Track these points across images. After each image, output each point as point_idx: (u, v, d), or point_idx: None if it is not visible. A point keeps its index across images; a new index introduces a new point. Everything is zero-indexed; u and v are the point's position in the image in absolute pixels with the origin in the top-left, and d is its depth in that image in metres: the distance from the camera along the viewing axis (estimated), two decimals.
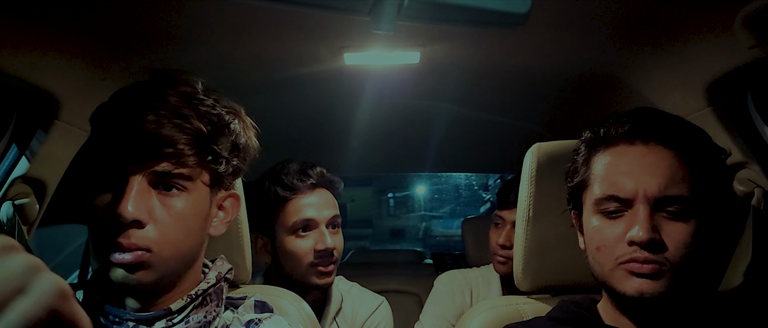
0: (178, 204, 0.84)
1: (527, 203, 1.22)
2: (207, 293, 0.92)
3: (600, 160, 0.96)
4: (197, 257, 0.92)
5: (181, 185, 0.84)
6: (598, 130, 0.98)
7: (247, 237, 1.26)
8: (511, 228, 1.84)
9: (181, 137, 0.82)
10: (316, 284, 1.61)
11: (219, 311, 0.93)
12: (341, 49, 1.48)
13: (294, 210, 1.60)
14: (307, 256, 1.59)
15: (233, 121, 0.90)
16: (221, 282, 0.95)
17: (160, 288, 0.87)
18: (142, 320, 0.86)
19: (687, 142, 0.90)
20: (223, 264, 0.99)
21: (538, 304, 1.25)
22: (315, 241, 1.59)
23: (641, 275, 0.89)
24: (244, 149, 0.93)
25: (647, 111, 0.95)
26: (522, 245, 1.23)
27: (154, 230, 0.82)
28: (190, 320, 0.89)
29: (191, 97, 0.86)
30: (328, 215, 1.62)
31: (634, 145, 0.93)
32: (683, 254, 0.88)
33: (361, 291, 1.82)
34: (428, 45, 1.47)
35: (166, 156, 0.81)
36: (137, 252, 0.80)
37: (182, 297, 0.89)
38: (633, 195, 0.90)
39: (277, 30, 1.36)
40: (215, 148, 0.86)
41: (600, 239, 0.94)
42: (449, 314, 1.90)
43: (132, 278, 0.81)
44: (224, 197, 0.95)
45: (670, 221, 0.89)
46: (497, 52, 1.54)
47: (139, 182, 0.81)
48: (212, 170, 0.88)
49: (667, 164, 0.89)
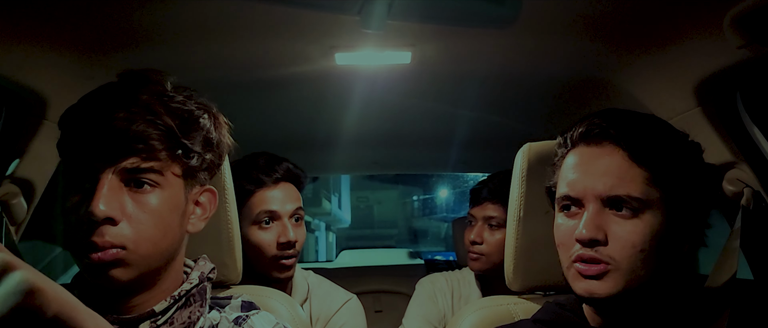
0: (151, 200, 0.83)
1: (518, 202, 1.22)
2: (190, 293, 0.91)
3: (565, 162, 0.98)
4: (176, 254, 0.91)
5: (152, 181, 0.84)
6: (566, 132, 1.00)
7: (238, 237, 1.26)
8: (482, 225, 1.87)
9: (152, 132, 0.82)
10: (277, 277, 1.64)
11: (203, 311, 0.93)
12: (332, 49, 1.48)
13: (258, 202, 1.63)
14: (269, 247, 1.62)
15: (203, 116, 0.90)
16: (204, 282, 0.95)
17: (139, 287, 0.87)
18: (125, 323, 0.85)
19: (642, 142, 0.91)
20: (206, 264, 0.99)
21: (529, 304, 1.25)
22: (278, 233, 1.62)
23: (588, 277, 0.91)
24: (217, 145, 0.93)
25: (607, 113, 0.97)
26: (513, 244, 1.23)
27: (128, 227, 0.81)
28: (174, 321, 0.88)
29: (161, 95, 0.86)
30: (291, 208, 1.65)
31: (589, 147, 0.95)
32: (631, 253, 0.88)
33: (332, 287, 1.84)
34: (419, 45, 1.47)
35: (136, 152, 0.81)
36: (112, 250, 0.80)
37: (165, 298, 0.88)
38: (582, 194, 0.92)
39: (268, 29, 1.36)
40: (186, 142, 0.86)
41: (559, 237, 0.97)
42: (432, 317, 1.91)
43: (110, 277, 0.81)
44: (200, 192, 0.94)
45: (619, 220, 0.90)
46: (488, 53, 1.54)
47: (110, 179, 0.81)
48: (184, 165, 0.87)
49: (617, 164, 0.91)
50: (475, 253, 1.88)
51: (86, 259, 0.80)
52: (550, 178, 1.03)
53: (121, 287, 0.83)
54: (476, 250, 1.87)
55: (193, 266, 0.98)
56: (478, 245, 1.86)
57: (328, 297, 1.78)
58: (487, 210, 1.85)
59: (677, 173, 0.91)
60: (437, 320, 1.91)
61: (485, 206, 1.86)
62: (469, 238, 1.90)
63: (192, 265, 0.98)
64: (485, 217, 1.86)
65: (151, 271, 0.86)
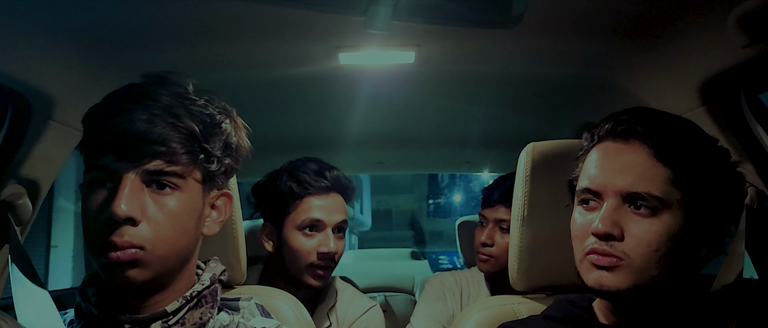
0: (171, 202, 0.84)
1: (522, 202, 1.22)
2: (202, 294, 0.92)
3: (589, 157, 0.98)
4: (191, 256, 0.92)
5: (173, 184, 0.84)
6: (593, 129, 1.00)
7: (242, 238, 1.26)
8: (493, 227, 1.86)
9: (174, 135, 0.82)
10: (310, 284, 1.63)
11: (213, 313, 0.94)
12: (336, 49, 1.48)
13: (305, 208, 1.62)
14: (309, 255, 1.61)
15: (225, 120, 0.91)
16: (215, 284, 0.95)
17: (154, 288, 0.87)
18: (137, 322, 0.86)
19: (668, 140, 0.91)
20: (217, 266, 0.99)
21: (533, 304, 1.25)
22: (319, 242, 1.62)
23: (600, 268, 0.91)
24: (235, 149, 0.94)
25: (636, 110, 0.96)
26: (517, 244, 1.23)
27: (147, 228, 0.82)
28: (186, 322, 0.89)
29: (183, 97, 0.87)
30: (337, 219, 1.65)
31: (615, 143, 0.95)
32: (645, 252, 0.88)
33: (355, 293, 1.84)
34: (423, 45, 1.47)
35: (158, 154, 0.82)
36: (131, 250, 0.81)
37: (177, 299, 0.89)
38: (602, 188, 0.92)
39: (273, 30, 1.36)
40: (207, 147, 0.87)
41: (575, 230, 0.97)
42: (440, 316, 1.90)
43: (127, 277, 0.82)
44: (217, 196, 0.95)
45: (636, 217, 0.90)
46: (493, 53, 1.54)
47: (132, 180, 0.81)
48: (204, 169, 0.88)
49: (640, 161, 0.90)
50: (484, 255, 1.87)
51: (104, 258, 0.81)
52: (572, 172, 1.03)
53: (136, 288, 0.84)
54: (486, 252, 1.86)
55: (204, 267, 0.98)
56: (489, 246, 1.85)
57: (353, 303, 1.77)
58: (499, 213, 1.84)
59: (701, 176, 0.90)
60: (446, 319, 1.90)
61: (497, 208, 1.85)
62: (479, 239, 1.89)
63: (203, 266, 0.98)
64: (497, 219, 1.85)
65: (166, 272, 0.86)
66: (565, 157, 1.09)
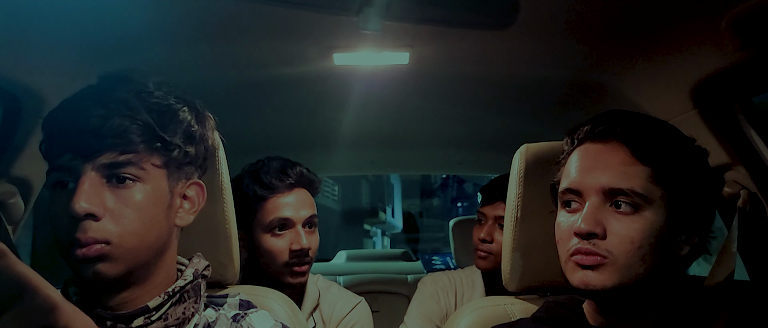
0: (134, 195, 0.84)
1: (515, 203, 1.22)
2: (184, 289, 0.92)
3: (570, 160, 0.99)
4: (166, 248, 0.91)
5: (132, 175, 0.84)
6: (572, 132, 1.01)
7: (235, 237, 1.25)
8: (493, 224, 1.86)
9: (129, 127, 0.82)
10: (289, 283, 1.62)
11: (197, 308, 0.93)
12: (330, 50, 1.48)
13: (271, 209, 1.60)
14: (282, 255, 1.60)
15: (182, 109, 0.90)
16: (198, 279, 0.95)
17: (130, 282, 0.87)
18: (119, 318, 0.86)
19: (647, 139, 0.92)
20: (201, 261, 0.99)
21: (526, 304, 1.25)
22: (290, 240, 1.60)
23: (584, 267, 0.91)
24: (200, 138, 0.93)
25: (614, 113, 0.98)
26: (510, 245, 1.23)
27: (111, 222, 0.82)
28: (169, 317, 0.89)
29: (140, 91, 0.87)
30: (305, 214, 1.63)
31: (595, 144, 0.96)
32: (628, 249, 0.89)
33: (341, 290, 1.82)
34: (417, 46, 1.47)
35: (113, 147, 0.82)
36: (96, 245, 0.80)
37: (159, 294, 0.88)
38: (583, 187, 0.93)
39: (267, 30, 1.36)
40: (163, 135, 0.86)
41: (559, 233, 0.97)
42: (434, 316, 1.90)
43: (96, 272, 0.81)
44: (186, 185, 0.94)
45: (618, 215, 0.90)
46: (486, 54, 1.54)
47: (91, 176, 0.81)
48: (165, 157, 0.88)
49: (620, 160, 0.91)
50: (483, 252, 1.87)
51: (72, 256, 0.81)
52: (554, 176, 1.04)
53: (108, 282, 0.84)
54: (485, 248, 1.86)
55: (187, 263, 0.98)
56: (488, 243, 1.85)
57: (339, 301, 1.76)
58: (499, 210, 1.84)
59: (681, 173, 0.92)
60: (439, 318, 1.90)
61: (497, 205, 1.85)
62: (478, 236, 1.89)
63: (186, 263, 0.98)
64: (496, 216, 1.85)
65: (139, 265, 0.86)
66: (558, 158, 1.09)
